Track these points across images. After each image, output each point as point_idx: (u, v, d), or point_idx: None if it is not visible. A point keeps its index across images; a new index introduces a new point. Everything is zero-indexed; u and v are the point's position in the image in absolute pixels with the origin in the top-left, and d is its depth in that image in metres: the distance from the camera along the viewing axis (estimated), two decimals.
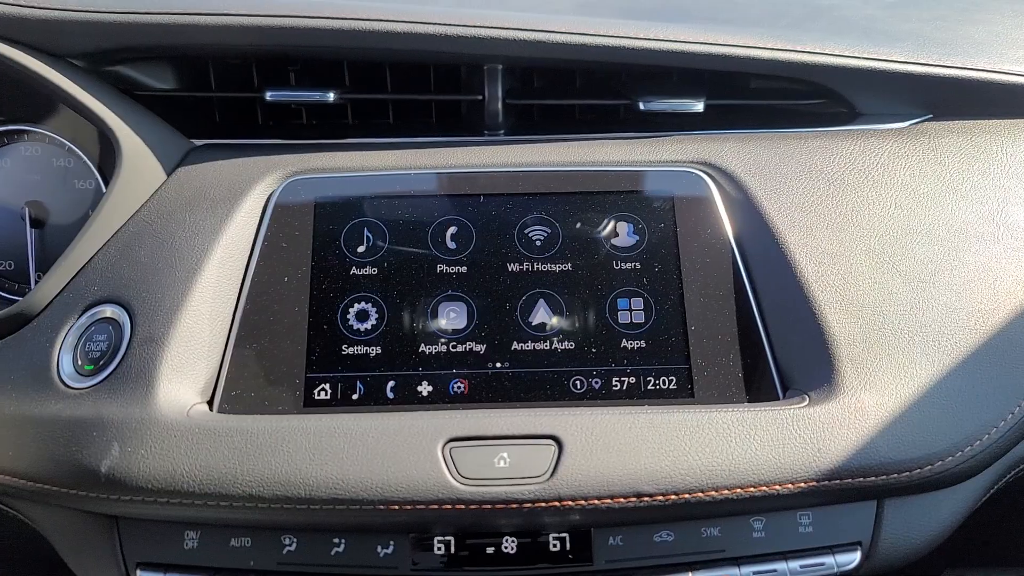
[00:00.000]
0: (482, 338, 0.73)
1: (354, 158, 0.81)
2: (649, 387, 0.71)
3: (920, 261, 0.74)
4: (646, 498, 0.63)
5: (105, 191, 0.80)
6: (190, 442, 0.65)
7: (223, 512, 0.64)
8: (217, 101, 0.88)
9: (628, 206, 0.78)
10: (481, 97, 0.84)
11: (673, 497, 0.63)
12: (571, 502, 0.63)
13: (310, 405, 0.70)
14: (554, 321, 0.73)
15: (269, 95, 0.83)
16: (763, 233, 0.75)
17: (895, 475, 0.65)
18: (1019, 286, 0.73)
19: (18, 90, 0.83)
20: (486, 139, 0.85)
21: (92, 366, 0.70)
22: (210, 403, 0.70)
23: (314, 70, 0.86)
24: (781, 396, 0.70)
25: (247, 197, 0.77)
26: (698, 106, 0.84)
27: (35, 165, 0.89)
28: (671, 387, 0.71)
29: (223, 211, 0.76)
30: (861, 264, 0.73)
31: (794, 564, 0.68)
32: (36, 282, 0.84)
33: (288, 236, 0.76)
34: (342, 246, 0.76)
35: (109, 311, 0.72)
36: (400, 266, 0.75)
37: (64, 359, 0.70)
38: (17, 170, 0.89)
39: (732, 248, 0.76)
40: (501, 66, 0.83)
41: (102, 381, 0.69)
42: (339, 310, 0.73)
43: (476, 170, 0.80)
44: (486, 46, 0.80)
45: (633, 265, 0.75)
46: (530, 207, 0.78)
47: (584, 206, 0.78)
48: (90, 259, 0.75)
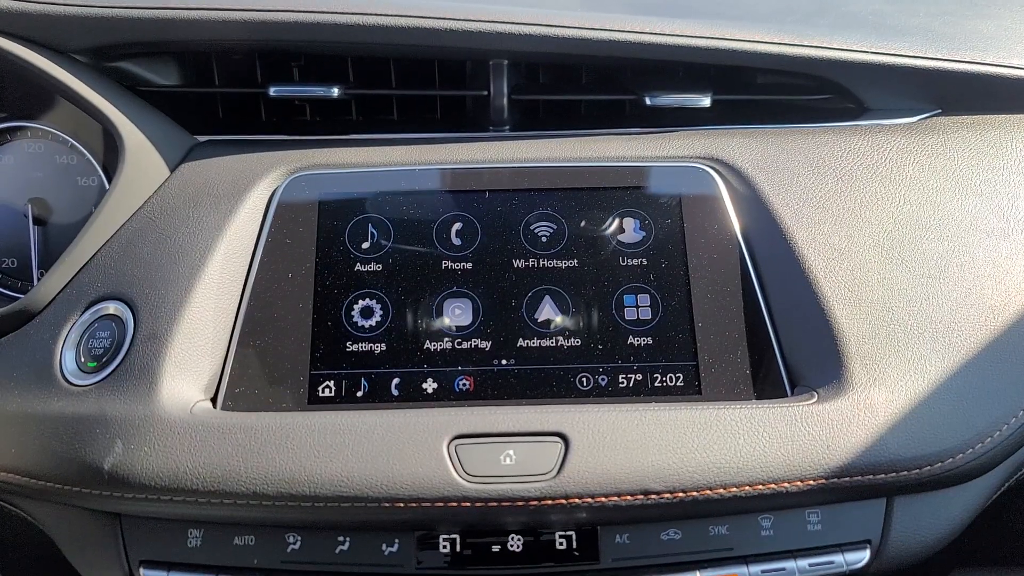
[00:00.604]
0: (487, 335, 0.72)
1: (358, 154, 0.80)
2: (656, 384, 0.71)
3: (929, 257, 0.73)
4: (653, 496, 0.62)
5: (108, 188, 0.79)
6: (193, 439, 0.64)
7: (227, 510, 0.63)
8: (221, 97, 0.87)
9: (635, 202, 0.77)
10: (486, 93, 0.84)
11: (680, 495, 0.62)
12: (578, 499, 0.62)
13: (314, 402, 0.70)
14: (560, 318, 0.73)
15: (273, 91, 0.82)
16: (771, 229, 0.75)
17: (905, 472, 0.64)
18: None
19: (21, 86, 0.83)
20: (491, 135, 0.84)
21: (95, 363, 0.69)
22: (214, 400, 0.69)
23: (318, 65, 0.85)
24: (789, 393, 0.69)
25: (251, 193, 0.77)
26: (705, 101, 0.83)
27: (38, 162, 0.88)
28: (678, 384, 0.71)
29: (227, 207, 0.76)
30: (870, 260, 0.72)
31: (803, 562, 0.67)
32: (39, 279, 0.84)
33: (292, 232, 0.76)
34: (346, 242, 0.75)
35: (112, 308, 0.72)
36: (405, 263, 0.75)
37: (67, 356, 0.70)
38: (20, 167, 0.88)
39: (739, 244, 0.75)
40: (507, 61, 0.83)
41: (105, 378, 0.68)
42: (343, 307, 0.73)
43: (481, 166, 0.79)
44: (491, 41, 0.79)
45: (640, 261, 0.75)
46: (536, 203, 0.77)
47: (590, 202, 0.77)
48: (93, 256, 0.75)
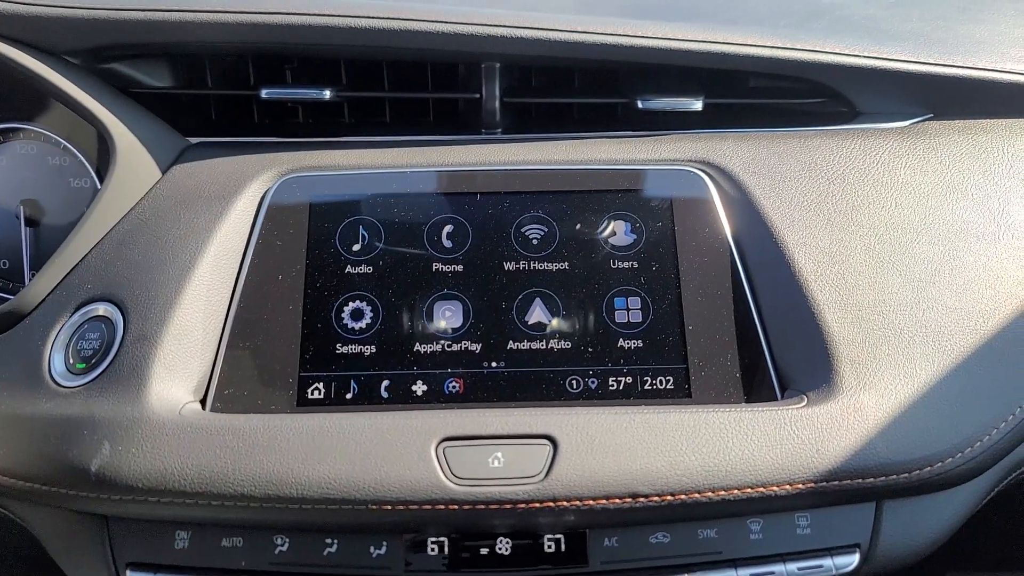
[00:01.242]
0: (477, 337, 0.72)
1: (350, 156, 0.80)
2: (646, 387, 0.71)
3: (920, 261, 0.73)
4: (642, 499, 0.62)
5: (99, 189, 0.79)
6: (182, 441, 0.64)
7: (214, 511, 0.63)
8: (213, 99, 0.87)
9: (626, 205, 0.77)
10: (479, 95, 0.84)
11: (669, 498, 0.62)
12: (566, 502, 0.62)
13: (303, 404, 0.70)
14: (550, 321, 0.73)
15: (265, 93, 0.82)
16: (762, 232, 0.75)
17: (894, 476, 0.64)
18: (1020, 286, 0.72)
19: (13, 87, 0.82)
20: (483, 137, 0.84)
21: (84, 364, 0.69)
22: (203, 402, 0.69)
23: (310, 68, 0.86)
24: (779, 396, 0.69)
25: (242, 195, 0.77)
26: (697, 105, 0.83)
27: (30, 163, 0.88)
28: (668, 387, 0.70)
29: (217, 209, 0.75)
30: (861, 263, 0.72)
31: (792, 566, 0.67)
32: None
33: (283, 234, 0.76)
34: (337, 245, 0.75)
35: (102, 309, 0.71)
36: (395, 265, 0.75)
37: (56, 357, 0.70)
38: (12, 168, 0.88)
39: (730, 247, 0.75)
40: (499, 64, 0.83)
41: (94, 379, 0.68)
42: (333, 309, 0.73)
43: (473, 168, 0.79)
44: (484, 44, 0.79)
45: (630, 264, 0.75)
46: (527, 206, 0.77)
47: (581, 205, 0.77)
48: (84, 257, 0.74)
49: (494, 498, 0.62)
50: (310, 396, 0.70)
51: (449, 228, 0.76)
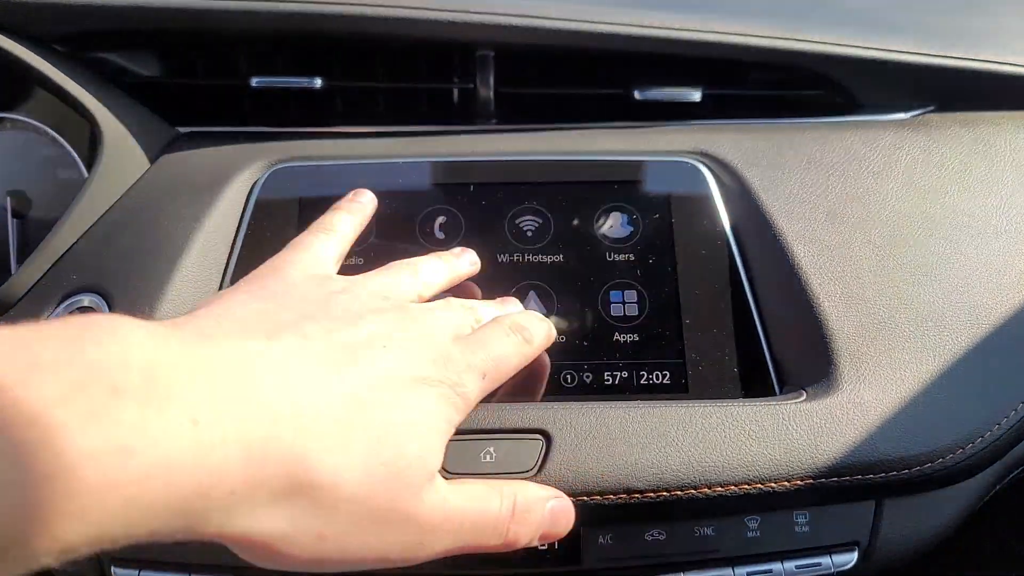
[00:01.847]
0: None
1: (341, 146, 0.79)
2: (642, 382, 0.69)
3: (921, 254, 0.72)
4: (637, 495, 0.61)
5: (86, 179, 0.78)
6: None
7: None
8: (202, 88, 0.86)
9: (622, 196, 0.76)
10: (472, 85, 0.82)
11: (665, 494, 0.61)
12: None
13: None
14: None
15: (255, 82, 0.81)
16: (760, 224, 0.73)
17: (895, 472, 0.62)
18: (1023, 280, 0.71)
19: (0, 76, 0.81)
20: (477, 127, 0.83)
21: None
22: None
23: (301, 57, 0.84)
24: (778, 391, 0.68)
25: (231, 185, 0.75)
26: (695, 95, 0.82)
27: (18, 154, 0.87)
28: (665, 382, 0.69)
29: (206, 199, 0.74)
30: (861, 256, 0.71)
31: (790, 564, 0.65)
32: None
33: (272, 225, 0.74)
34: None
35: (87, 300, 0.70)
36: (387, 256, 0.73)
37: None
38: None
39: (728, 240, 0.74)
40: (493, 53, 0.81)
41: None
42: None
43: (466, 159, 0.78)
44: (477, 32, 0.78)
45: (627, 257, 0.74)
46: (521, 197, 0.76)
47: (577, 196, 0.76)
48: (69, 248, 0.73)
49: None
50: None
51: (442, 219, 0.75)
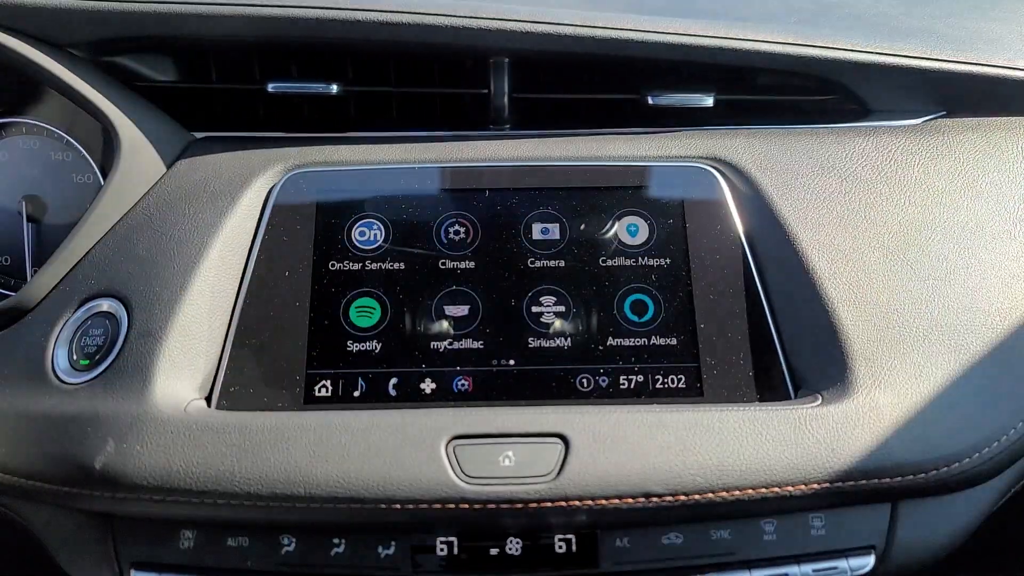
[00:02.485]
0: (487, 335, 0.71)
1: (357, 152, 0.79)
2: (657, 386, 0.70)
3: (935, 259, 0.72)
4: (655, 498, 0.61)
5: (103, 184, 0.78)
6: (187, 438, 0.63)
7: (220, 510, 0.62)
8: (218, 93, 0.86)
9: (637, 202, 0.76)
10: (487, 91, 0.83)
11: (682, 497, 0.61)
12: (578, 502, 0.61)
13: (310, 402, 0.69)
14: (560, 318, 0.72)
15: (271, 87, 0.82)
16: (774, 230, 0.74)
17: (911, 476, 0.63)
18: None
19: (16, 81, 0.82)
20: (491, 133, 0.83)
21: (88, 361, 0.68)
22: (208, 399, 0.68)
23: (317, 62, 0.84)
24: (793, 395, 0.68)
25: (248, 190, 0.76)
26: (708, 101, 0.82)
27: (33, 159, 0.87)
28: (680, 386, 0.69)
29: (223, 204, 0.75)
30: (874, 261, 0.71)
31: (806, 568, 0.66)
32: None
33: (289, 230, 0.75)
34: (344, 241, 0.74)
35: (106, 305, 0.70)
36: (403, 262, 0.74)
37: (59, 354, 0.69)
38: (14, 163, 0.87)
39: (742, 245, 0.74)
40: (507, 59, 0.82)
41: (98, 376, 0.67)
42: (341, 306, 0.72)
43: (481, 164, 0.78)
44: (492, 39, 0.78)
45: (642, 262, 0.74)
46: (537, 202, 0.76)
47: (592, 202, 0.76)
48: (87, 252, 0.73)
49: (505, 497, 0.61)
50: (317, 394, 0.69)
51: (457, 225, 0.75)
